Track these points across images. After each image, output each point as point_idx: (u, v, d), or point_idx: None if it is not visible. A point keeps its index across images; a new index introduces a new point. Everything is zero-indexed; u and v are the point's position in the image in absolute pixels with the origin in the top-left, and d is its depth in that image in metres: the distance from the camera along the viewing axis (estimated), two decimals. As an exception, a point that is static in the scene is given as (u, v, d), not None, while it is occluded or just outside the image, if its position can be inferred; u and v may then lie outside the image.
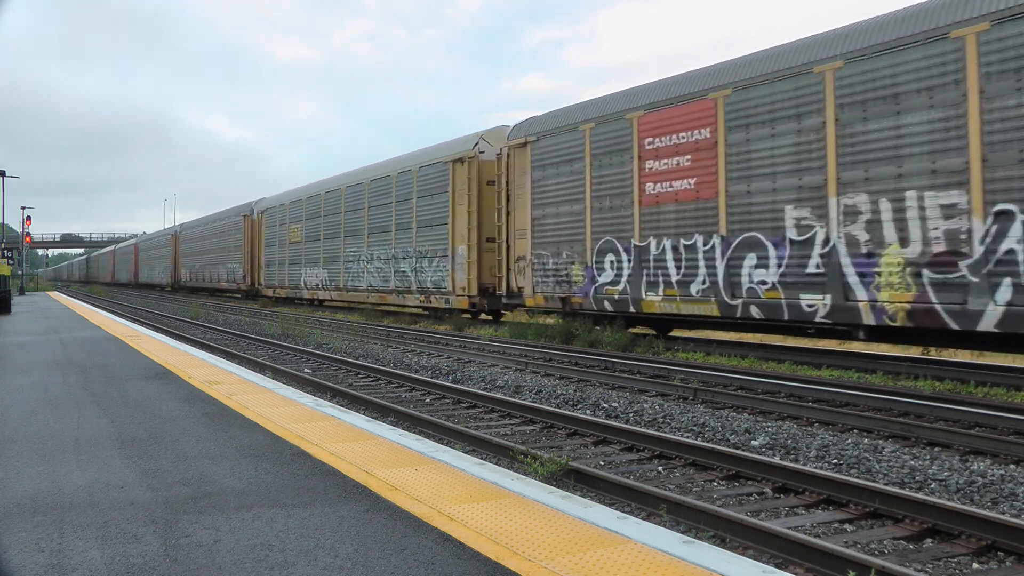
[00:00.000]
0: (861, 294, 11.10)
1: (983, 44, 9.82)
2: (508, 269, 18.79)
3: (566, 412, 8.70)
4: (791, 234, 12.13)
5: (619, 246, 15.49)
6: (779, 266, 12.30)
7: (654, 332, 16.61)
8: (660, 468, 6.73)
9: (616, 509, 4.62)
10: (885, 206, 10.84)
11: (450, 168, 21.83)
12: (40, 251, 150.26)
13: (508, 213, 18.89)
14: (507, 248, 18.89)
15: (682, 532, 4.79)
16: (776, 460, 6.42)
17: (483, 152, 21.13)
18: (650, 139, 14.77)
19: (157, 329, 20.14)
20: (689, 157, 13.98)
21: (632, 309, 15.14)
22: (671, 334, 16.80)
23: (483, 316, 22.69)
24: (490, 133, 21.38)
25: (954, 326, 10.01)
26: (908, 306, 10.52)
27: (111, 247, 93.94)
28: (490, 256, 20.30)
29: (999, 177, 9.62)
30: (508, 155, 18.95)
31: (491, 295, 20.39)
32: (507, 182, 18.96)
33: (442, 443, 7.15)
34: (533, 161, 17.88)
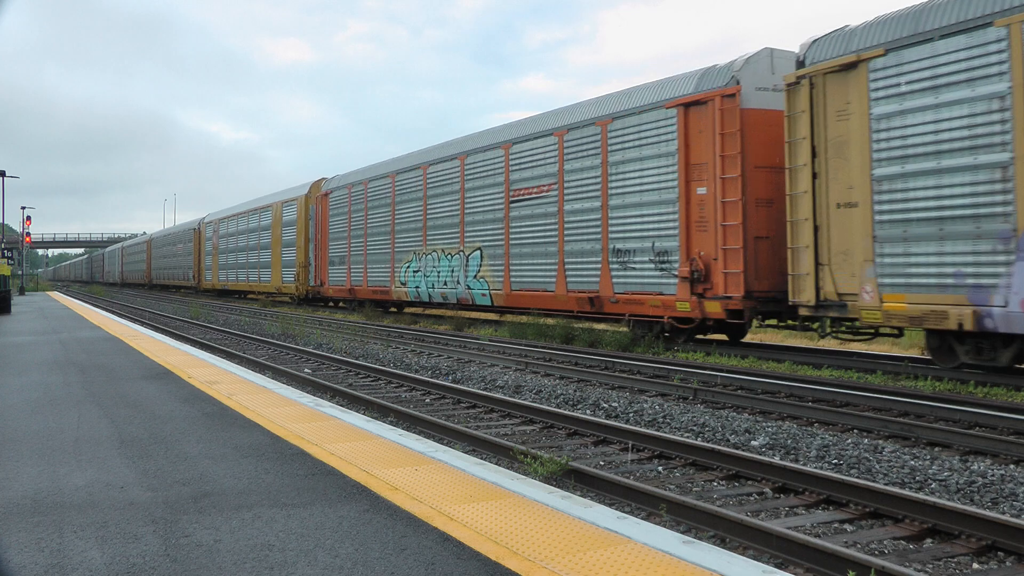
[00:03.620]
0: None
1: None
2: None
3: (566, 412, 8.70)
4: None
5: None
6: None
7: None
8: (660, 468, 6.72)
9: (616, 509, 4.62)
10: None
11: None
12: (40, 251, 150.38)
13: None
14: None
15: (682, 532, 4.79)
16: (776, 460, 6.42)
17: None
18: None
19: (157, 329, 20.14)
20: None
21: None
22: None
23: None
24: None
25: None
26: None
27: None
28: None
29: None
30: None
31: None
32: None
33: (442, 443, 7.15)
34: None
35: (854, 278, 11.61)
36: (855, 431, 8.16)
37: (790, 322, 13.77)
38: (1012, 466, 6.66)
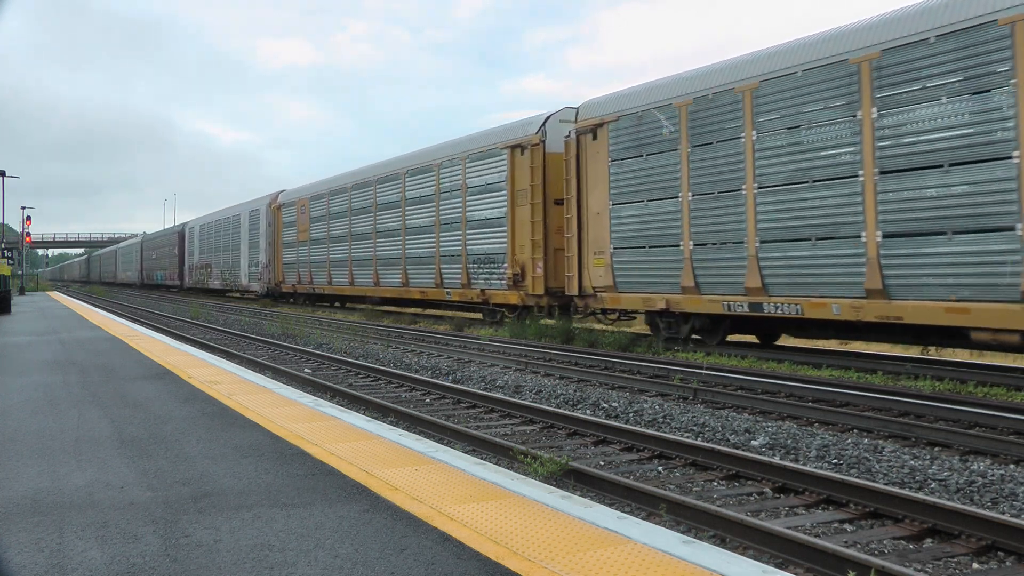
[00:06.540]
0: None
1: None
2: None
3: (566, 412, 8.70)
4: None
5: None
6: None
7: None
8: (660, 468, 6.73)
9: (616, 509, 4.62)
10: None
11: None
12: (40, 251, 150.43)
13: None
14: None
15: (682, 532, 4.79)
16: (776, 460, 6.42)
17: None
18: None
19: (157, 329, 20.13)
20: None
21: None
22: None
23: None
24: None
25: None
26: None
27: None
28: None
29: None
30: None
31: None
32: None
33: (442, 443, 7.15)
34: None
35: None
36: (855, 431, 8.16)
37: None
38: (1012, 466, 6.66)
